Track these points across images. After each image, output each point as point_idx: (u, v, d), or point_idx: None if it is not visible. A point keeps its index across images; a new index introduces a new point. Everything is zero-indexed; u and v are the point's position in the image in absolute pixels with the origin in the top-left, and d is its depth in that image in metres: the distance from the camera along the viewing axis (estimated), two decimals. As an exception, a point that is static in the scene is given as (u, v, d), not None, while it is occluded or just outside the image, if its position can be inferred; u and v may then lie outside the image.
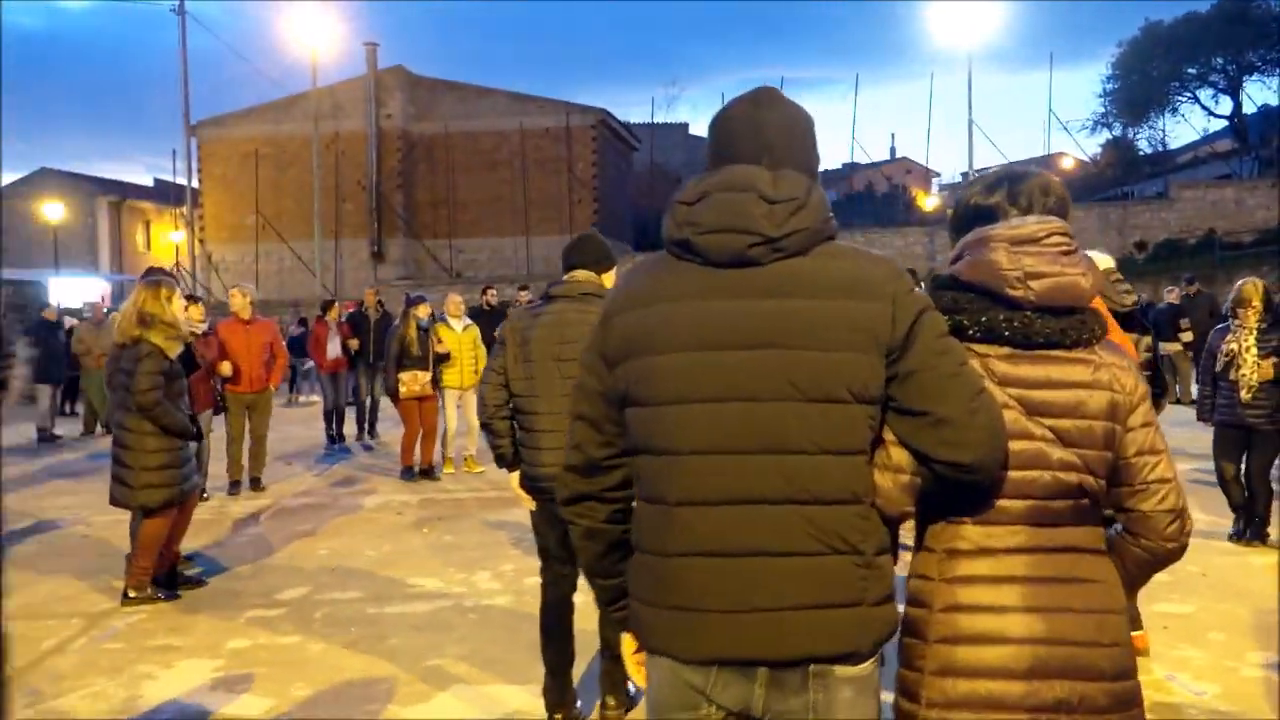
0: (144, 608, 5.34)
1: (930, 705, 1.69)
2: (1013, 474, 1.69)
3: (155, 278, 5.75)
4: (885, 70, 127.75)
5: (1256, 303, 6.07)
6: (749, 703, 1.62)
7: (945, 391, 1.59)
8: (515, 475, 3.77)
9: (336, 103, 28.59)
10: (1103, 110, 38.85)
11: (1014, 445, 1.68)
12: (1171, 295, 14.43)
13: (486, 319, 11.98)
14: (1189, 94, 37.74)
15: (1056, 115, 60.30)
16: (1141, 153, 38.73)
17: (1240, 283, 6.40)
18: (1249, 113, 36.26)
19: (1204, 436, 10.69)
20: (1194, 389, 14.18)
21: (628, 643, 1.83)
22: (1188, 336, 13.80)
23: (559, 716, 3.69)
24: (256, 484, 8.95)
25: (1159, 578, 5.66)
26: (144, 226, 39.56)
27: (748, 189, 1.63)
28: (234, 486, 8.75)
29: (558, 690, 3.71)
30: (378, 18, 54.91)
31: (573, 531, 1.87)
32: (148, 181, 44.20)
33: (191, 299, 8.60)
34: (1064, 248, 1.77)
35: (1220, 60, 35.94)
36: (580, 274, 3.68)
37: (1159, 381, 4.54)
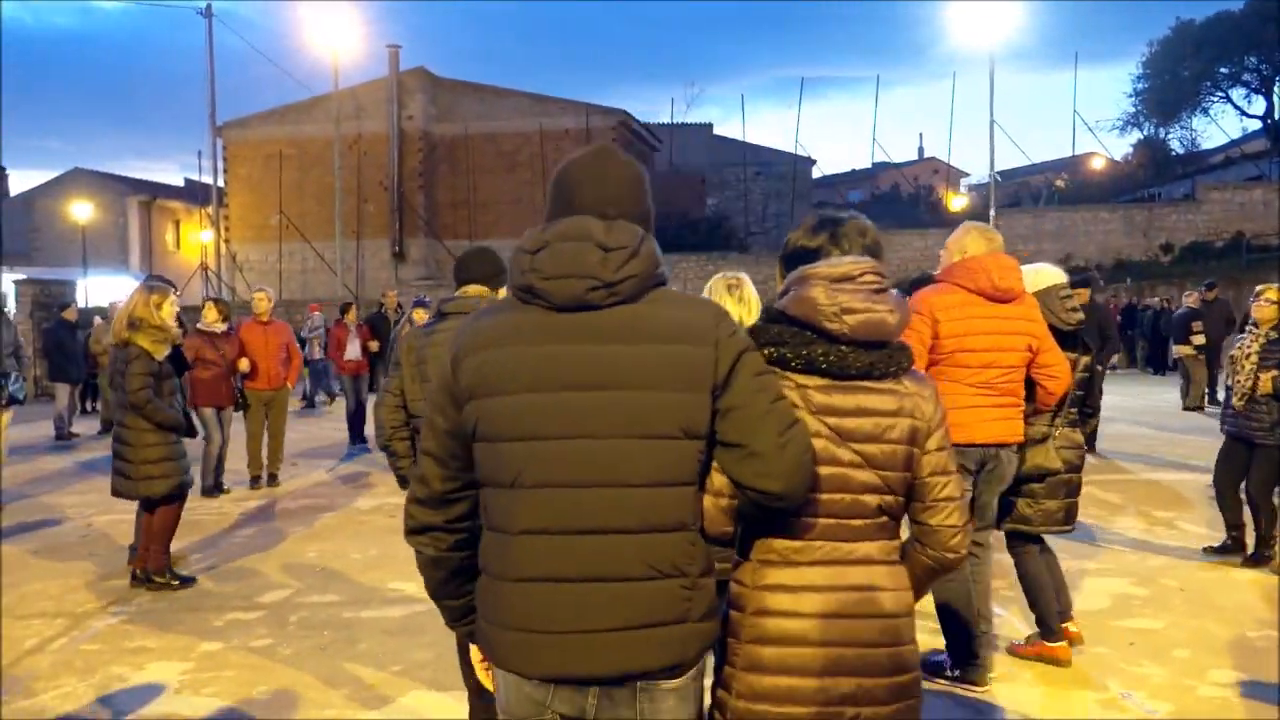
0: (127, 608, 5.48)
1: (739, 696, 1.91)
2: (822, 496, 1.90)
3: (150, 284, 6.10)
4: (913, 70, 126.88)
5: (1271, 314, 5.83)
6: (583, 711, 1.78)
7: (758, 427, 1.76)
8: None
9: (359, 104, 28.87)
10: (1133, 110, 38.41)
11: (822, 470, 1.88)
12: (1190, 299, 14.26)
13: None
14: (1221, 94, 37.22)
15: (1081, 116, 59.62)
16: (1173, 153, 38.19)
17: (1260, 287, 6.16)
18: (1282, 113, 35.64)
19: (1211, 447, 10.58)
20: (1205, 394, 14.11)
21: (475, 652, 1.99)
22: (1199, 340, 13.65)
23: None
24: (274, 480, 9.30)
25: (1134, 592, 5.66)
26: (174, 226, 40.14)
27: (584, 238, 1.78)
28: (254, 481, 9.16)
29: (485, 710, 3.48)
30: (400, 19, 55.42)
31: (418, 559, 2.00)
32: (179, 181, 44.86)
33: (217, 301, 9.12)
34: (876, 285, 1.96)
35: (1254, 60, 35.40)
36: (473, 289, 3.66)
37: (1091, 400, 4.50)
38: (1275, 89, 36.20)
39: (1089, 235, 26.87)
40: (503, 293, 3.72)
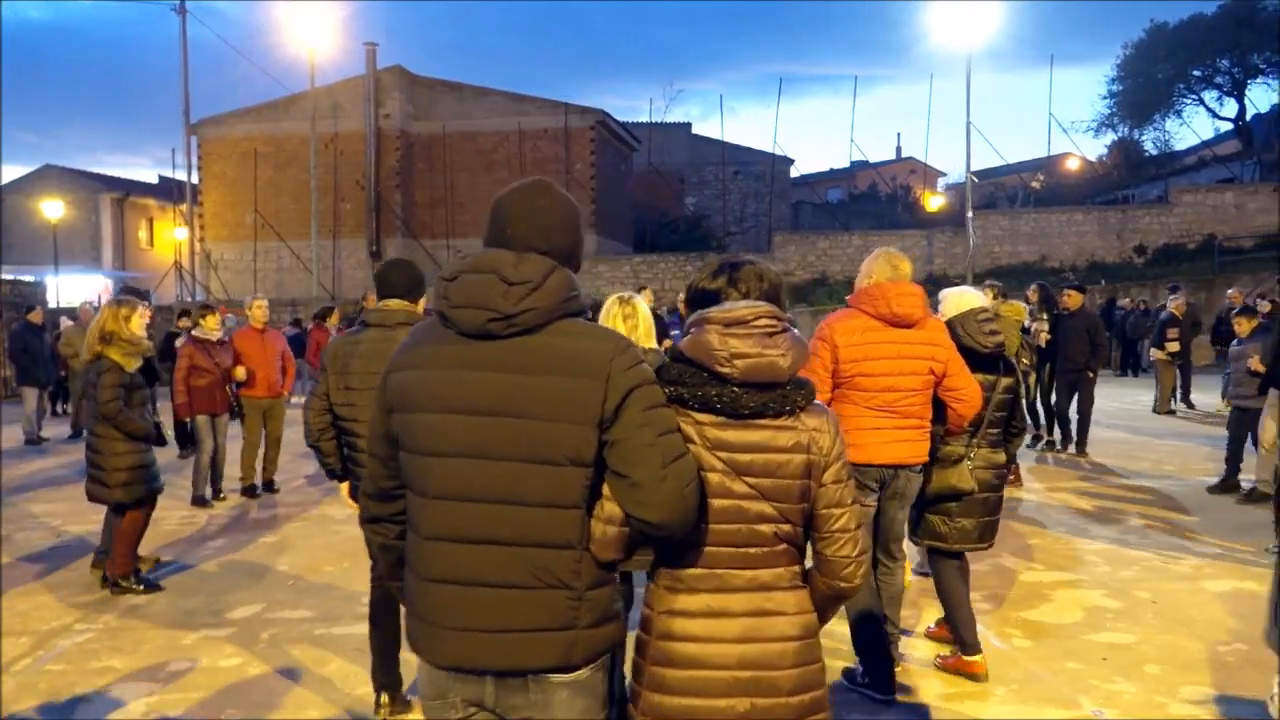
0: (94, 626, 5.39)
1: (643, 713, 2.06)
2: (715, 526, 2.02)
3: (119, 298, 6.31)
4: (894, 69, 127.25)
5: None
6: (482, 698, 1.97)
7: (640, 459, 1.88)
8: (345, 485, 4.17)
9: (335, 102, 28.62)
10: (1108, 111, 38.71)
11: (717, 502, 2.01)
12: (1175, 305, 14.29)
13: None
14: (1194, 96, 37.58)
15: (1056, 118, 60.07)
16: (1147, 154, 38.53)
17: None
18: (1253, 115, 36.05)
19: (1185, 451, 10.67)
20: (1172, 398, 14.25)
21: None
22: (1174, 347, 13.77)
23: (386, 697, 4.02)
24: (270, 487, 9.29)
25: (1107, 605, 5.68)
26: (147, 223, 39.70)
27: (491, 271, 1.93)
28: (250, 490, 9.11)
29: (385, 671, 4.04)
30: (377, 17, 54.90)
31: (371, 544, 2.27)
32: (153, 178, 44.38)
33: (206, 308, 9.26)
34: (770, 329, 2.06)
35: (1225, 63, 35.77)
36: (393, 303, 3.97)
37: (1016, 421, 4.57)
38: (1246, 92, 36.63)
39: (1063, 237, 27.05)
40: (422, 304, 4.08)
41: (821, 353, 3.99)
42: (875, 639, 4.17)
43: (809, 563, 2.17)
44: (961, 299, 4.50)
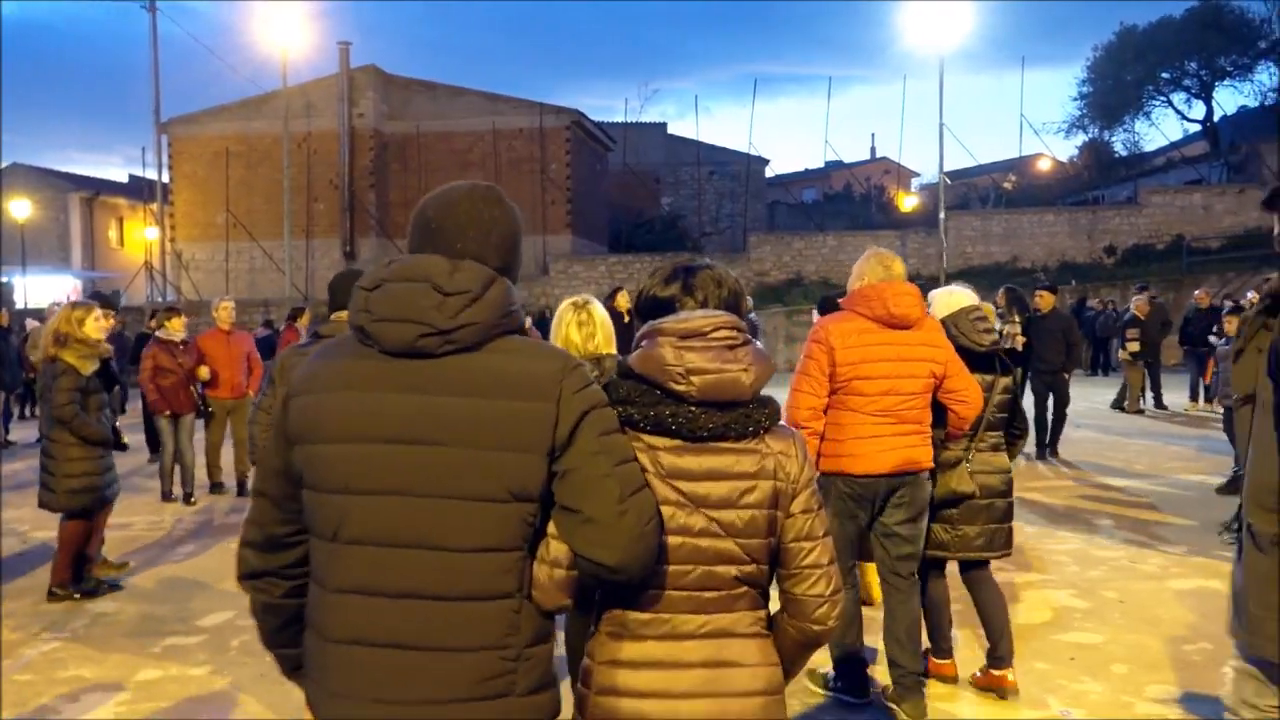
0: (61, 634, 5.33)
1: None
2: (667, 568, 1.79)
3: (74, 301, 6.34)
4: (869, 69, 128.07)
5: None
6: None
7: (595, 492, 1.65)
8: None
9: (308, 101, 28.41)
10: (1078, 113, 39.14)
11: (671, 540, 1.78)
12: (1137, 306, 14.49)
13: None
14: (1163, 98, 38.06)
15: (1028, 119, 60.64)
16: (1117, 155, 38.99)
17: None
18: (1221, 117, 36.57)
19: (1153, 451, 10.80)
20: (1140, 397, 14.44)
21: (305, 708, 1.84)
22: (1134, 347, 13.92)
23: None
24: (242, 488, 9.28)
25: (1075, 604, 5.73)
26: (117, 223, 39.25)
27: (422, 279, 1.67)
28: (216, 487, 9.36)
29: None
30: (350, 16, 54.54)
31: (251, 605, 1.89)
32: (123, 177, 43.86)
33: (171, 310, 9.49)
34: (729, 341, 1.85)
35: (1193, 65, 36.25)
36: (344, 315, 3.80)
37: (1017, 423, 4.45)
38: (1214, 94, 37.16)
39: (1034, 237, 27.31)
40: None
41: (818, 356, 3.81)
42: (850, 645, 4.13)
43: (774, 605, 1.95)
44: (952, 298, 4.39)
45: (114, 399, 6.50)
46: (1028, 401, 10.43)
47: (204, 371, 8.98)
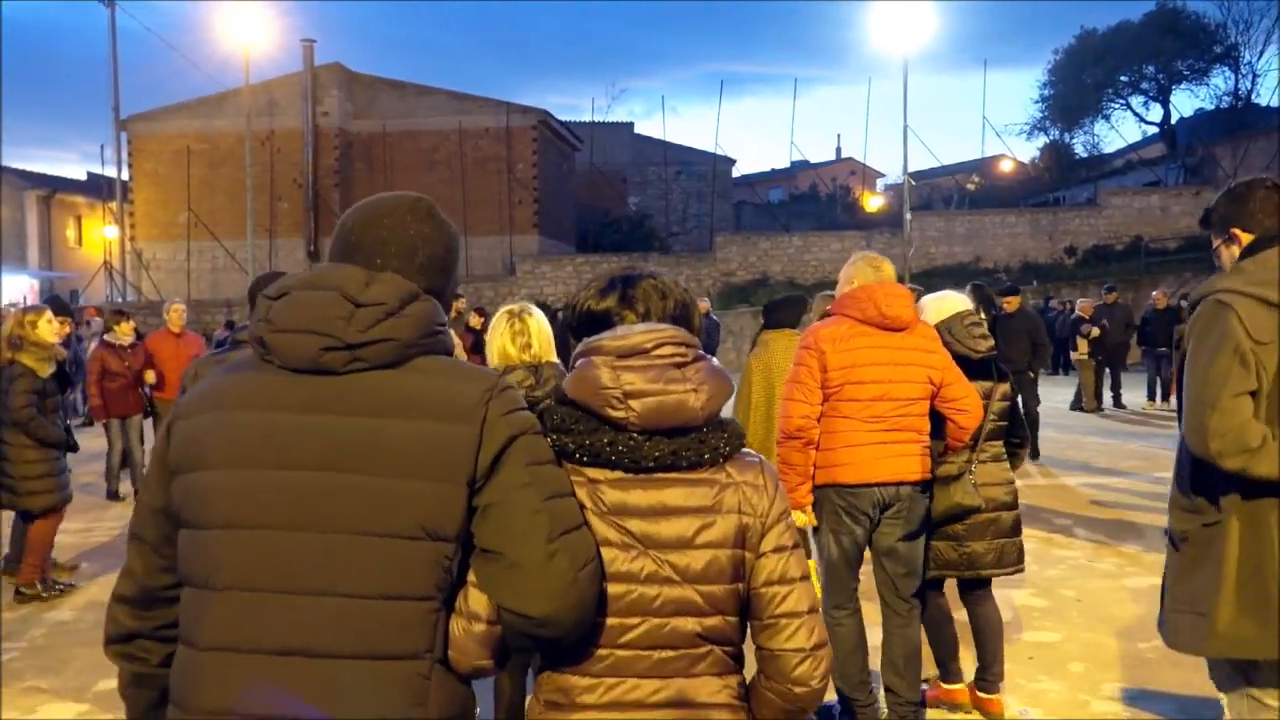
0: (18, 644, 5.26)
1: None
2: (614, 620, 1.53)
3: (26, 305, 6.38)
4: (836, 69, 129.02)
5: None
6: None
7: (520, 530, 1.42)
8: None
9: (272, 99, 28.11)
10: (1039, 115, 39.70)
11: (616, 588, 1.53)
12: (1082, 307, 14.79)
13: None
14: (1122, 101, 38.70)
15: (990, 122, 61.38)
16: (1077, 157, 39.58)
17: None
18: (1178, 120, 37.26)
19: (1111, 450, 11.00)
20: (1095, 396, 14.69)
21: None
22: (1083, 346, 14.13)
23: None
24: None
25: (1034, 603, 5.82)
26: (75, 222, 38.55)
27: (332, 288, 1.47)
28: None
29: None
30: (315, 14, 54.06)
31: (120, 677, 1.61)
32: (81, 174, 43.13)
33: (119, 314, 9.50)
34: (676, 359, 1.60)
35: (1152, 69, 36.89)
36: None
37: (1018, 431, 4.29)
38: (1171, 97, 37.85)
39: (997, 238, 27.67)
40: None
41: (809, 362, 3.65)
42: (854, 670, 3.83)
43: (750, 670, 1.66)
44: (944, 303, 4.19)
45: (67, 401, 6.72)
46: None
47: (150, 375, 9.00)
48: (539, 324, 3.51)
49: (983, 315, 10.39)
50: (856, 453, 3.65)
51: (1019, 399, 4.39)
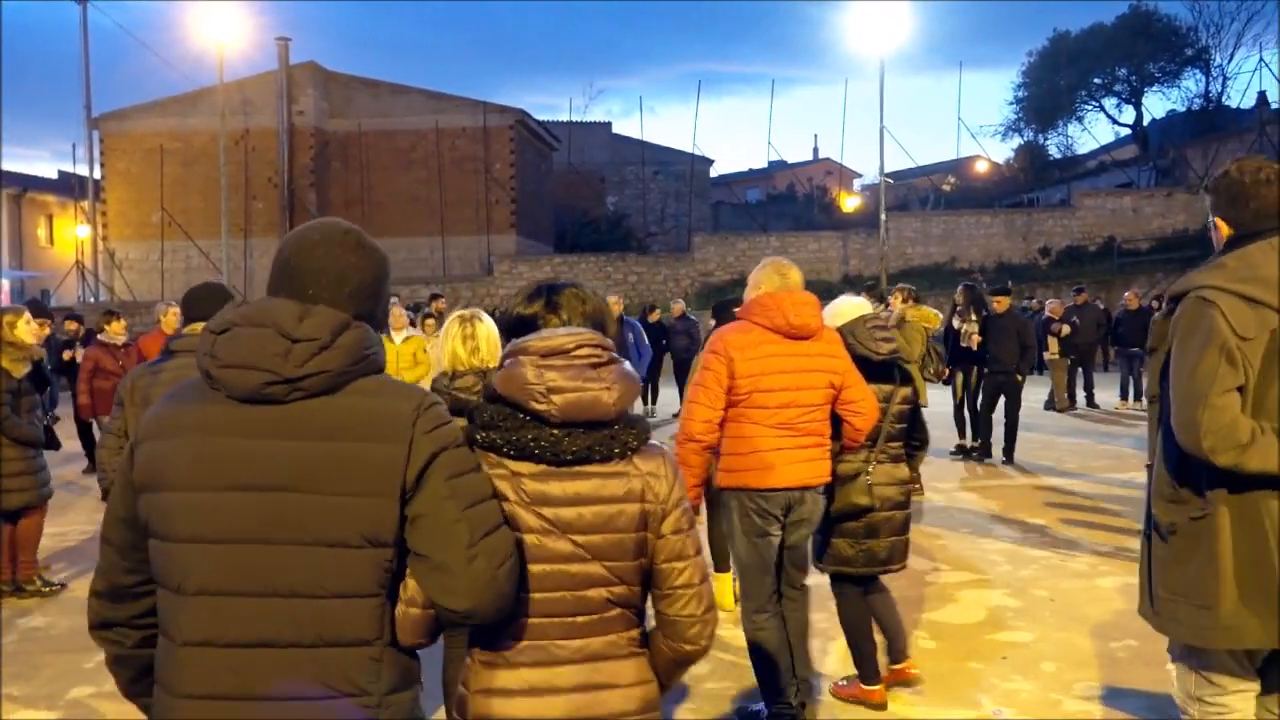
0: (-11, 651, 5.20)
1: None
2: (537, 595, 1.79)
3: (6, 305, 6.33)
4: (814, 69, 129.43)
5: None
6: None
7: (444, 538, 1.63)
8: None
9: (246, 98, 27.87)
10: (1014, 116, 40.02)
11: (536, 568, 1.79)
12: (1051, 308, 14.94)
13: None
14: (1095, 103, 39.09)
15: (965, 123, 61.82)
16: (1051, 158, 39.94)
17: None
18: (1150, 122, 37.67)
19: (1083, 450, 11.10)
20: (1066, 396, 14.84)
21: None
22: (1053, 344, 14.25)
23: None
24: None
25: (1008, 603, 5.87)
26: (46, 221, 38.08)
27: (269, 325, 1.64)
28: None
29: None
30: (290, 13, 53.69)
31: (105, 657, 1.87)
32: (52, 172, 42.59)
33: (110, 314, 9.60)
34: (593, 360, 1.85)
35: (1124, 71, 37.28)
36: (200, 327, 3.64)
37: (917, 434, 4.45)
38: (1143, 99, 38.26)
39: (972, 239, 27.88)
40: None
41: (716, 368, 3.72)
42: (778, 673, 3.96)
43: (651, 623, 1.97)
44: (849, 307, 4.36)
45: (45, 400, 6.69)
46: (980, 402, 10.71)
47: None
48: (488, 330, 3.63)
49: (974, 316, 10.50)
50: (765, 458, 3.77)
51: (919, 403, 4.56)
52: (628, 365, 1.92)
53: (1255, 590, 2.45)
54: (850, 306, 4.38)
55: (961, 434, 11.02)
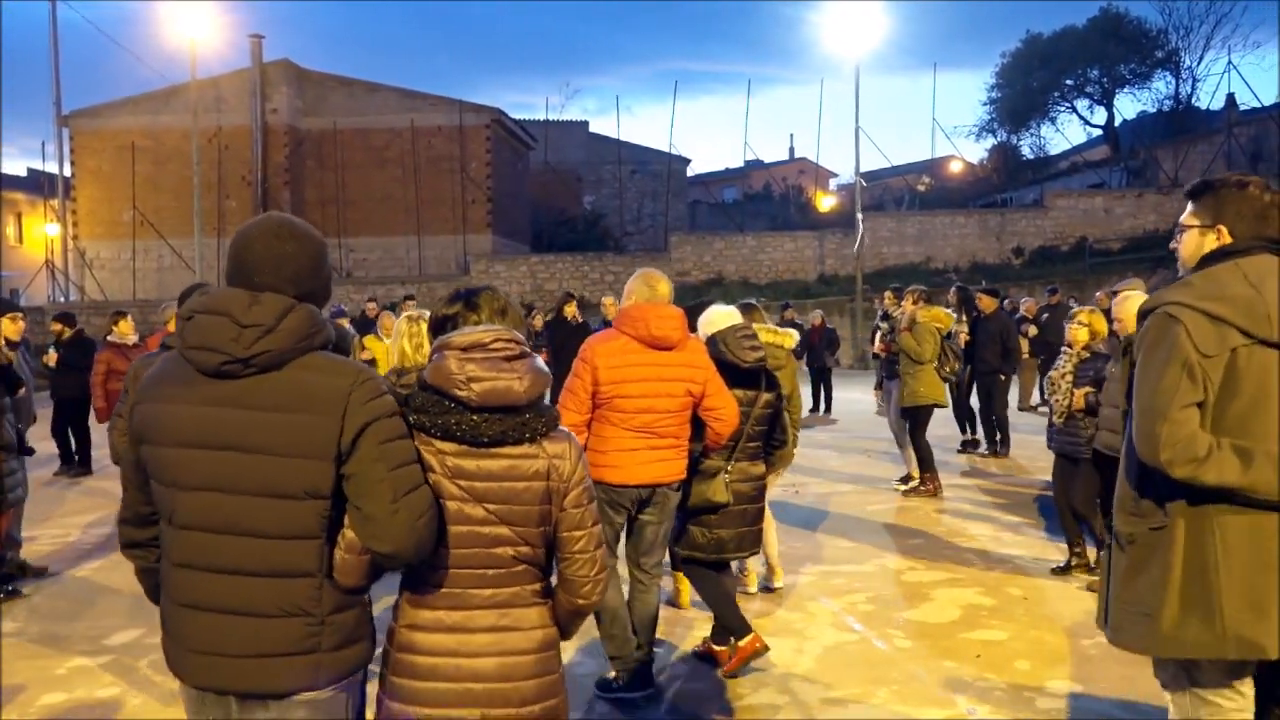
0: (-42, 658, 5.12)
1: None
2: (455, 550, 2.13)
3: None
4: (791, 69, 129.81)
5: (1083, 335, 6.21)
6: (229, 712, 2.10)
7: (372, 493, 1.99)
8: None
9: (219, 95, 27.62)
10: (988, 117, 40.33)
11: (455, 528, 2.12)
12: (1026, 307, 15.06)
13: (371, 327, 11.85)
14: (1067, 104, 39.44)
15: (939, 124, 62.27)
16: (1024, 159, 40.28)
17: (1074, 310, 6.64)
18: (1121, 123, 38.07)
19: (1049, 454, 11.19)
20: (1033, 395, 14.97)
21: None
22: (1024, 345, 14.36)
23: None
24: None
25: (982, 602, 5.92)
26: (15, 219, 37.57)
27: (223, 313, 2.01)
28: None
29: None
30: (263, 11, 53.17)
31: (135, 569, 2.35)
32: (21, 170, 42.00)
33: (119, 314, 9.64)
34: (508, 352, 2.15)
35: (1095, 73, 37.65)
36: None
37: (777, 435, 4.82)
38: (1114, 101, 38.65)
39: (947, 239, 28.06)
40: None
41: (583, 374, 4.06)
42: (625, 639, 4.29)
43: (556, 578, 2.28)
44: (717, 318, 4.70)
45: (19, 404, 6.45)
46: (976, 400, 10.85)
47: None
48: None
49: (964, 316, 10.68)
50: (621, 457, 4.11)
51: (783, 409, 4.92)
52: (539, 359, 2.23)
53: (1196, 601, 2.49)
54: (722, 315, 4.70)
55: (962, 429, 11.44)
